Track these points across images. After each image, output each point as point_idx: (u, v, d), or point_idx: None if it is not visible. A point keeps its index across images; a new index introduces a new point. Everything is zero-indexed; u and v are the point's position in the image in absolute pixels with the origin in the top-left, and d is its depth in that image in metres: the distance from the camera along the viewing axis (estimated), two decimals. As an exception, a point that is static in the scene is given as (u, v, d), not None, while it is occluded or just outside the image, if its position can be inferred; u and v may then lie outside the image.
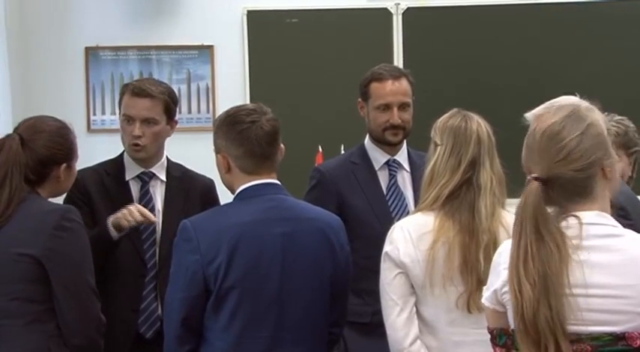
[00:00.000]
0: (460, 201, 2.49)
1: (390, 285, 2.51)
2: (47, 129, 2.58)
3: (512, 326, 1.91)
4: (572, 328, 1.80)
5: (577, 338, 1.81)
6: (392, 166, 3.32)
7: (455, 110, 2.62)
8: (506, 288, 1.89)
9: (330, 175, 3.28)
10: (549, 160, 1.89)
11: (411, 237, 2.49)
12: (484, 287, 2.01)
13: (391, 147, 3.30)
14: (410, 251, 2.48)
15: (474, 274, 2.43)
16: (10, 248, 2.43)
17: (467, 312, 2.45)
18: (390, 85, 3.25)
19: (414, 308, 2.51)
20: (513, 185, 2.45)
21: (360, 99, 3.34)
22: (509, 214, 2.55)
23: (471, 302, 2.44)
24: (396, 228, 2.54)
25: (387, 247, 2.53)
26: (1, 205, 2.45)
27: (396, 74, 3.29)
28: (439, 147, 2.55)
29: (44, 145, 2.54)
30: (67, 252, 2.46)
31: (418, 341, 2.49)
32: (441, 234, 2.46)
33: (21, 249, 2.43)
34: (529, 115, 2.00)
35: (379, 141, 3.30)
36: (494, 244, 2.45)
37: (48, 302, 2.46)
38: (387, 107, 3.24)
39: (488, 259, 2.43)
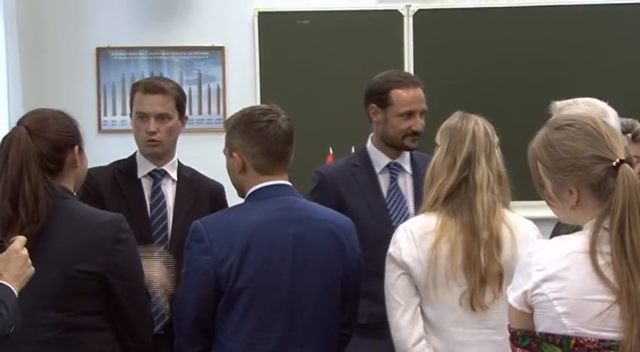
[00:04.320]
0: (460, 200, 2.50)
1: (394, 286, 2.52)
2: (50, 115, 2.52)
3: (538, 329, 1.91)
4: None
5: None
6: (393, 169, 3.32)
7: (457, 112, 2.63)
8: (537, 290, 1.89)
9: (330, 177, 3.30)
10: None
11: (414, 237, 2.50)
12: (509, 287, 1.99)
13: (397, 151, 3.31)
14: (412, 251, 2.49)
15: (477, 272, 2.44)
16: (69, 264, 2.37)
17: (471, 311, 2.45)
18: (412, 92, 3.27)
19: (419, 309, 2.52)
20: (522, 187, 2.46)
21: (374, 105, 3.30)
22: (512, 214, 2.55)
23: (474, 300, 2.44)
24: (399, 230, 2.56)
25: (390, 248, 2.54)
26: (30, 201, 2.34)
27: (415, 81, 3.33)
28: (438, 148, 2.57)
29: (54, 131, 2.47)
30: (127, 264, 2.45)
31: (422, 342, 2.49)
32: (444, 233, 2.47)
33: (81, 266, 2.37)
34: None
35: (397, 147, 3.30)
36: (496, 242, 2.46)
37: (105, 311, 2.45)
38: (410, 114, 3.25)
39: (491, 256, 2.44)
